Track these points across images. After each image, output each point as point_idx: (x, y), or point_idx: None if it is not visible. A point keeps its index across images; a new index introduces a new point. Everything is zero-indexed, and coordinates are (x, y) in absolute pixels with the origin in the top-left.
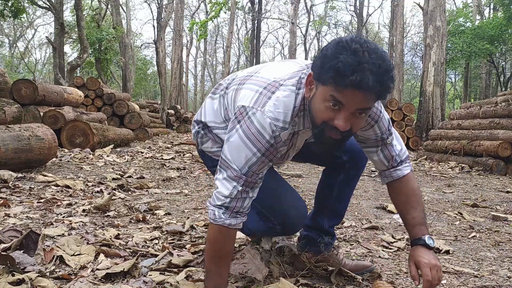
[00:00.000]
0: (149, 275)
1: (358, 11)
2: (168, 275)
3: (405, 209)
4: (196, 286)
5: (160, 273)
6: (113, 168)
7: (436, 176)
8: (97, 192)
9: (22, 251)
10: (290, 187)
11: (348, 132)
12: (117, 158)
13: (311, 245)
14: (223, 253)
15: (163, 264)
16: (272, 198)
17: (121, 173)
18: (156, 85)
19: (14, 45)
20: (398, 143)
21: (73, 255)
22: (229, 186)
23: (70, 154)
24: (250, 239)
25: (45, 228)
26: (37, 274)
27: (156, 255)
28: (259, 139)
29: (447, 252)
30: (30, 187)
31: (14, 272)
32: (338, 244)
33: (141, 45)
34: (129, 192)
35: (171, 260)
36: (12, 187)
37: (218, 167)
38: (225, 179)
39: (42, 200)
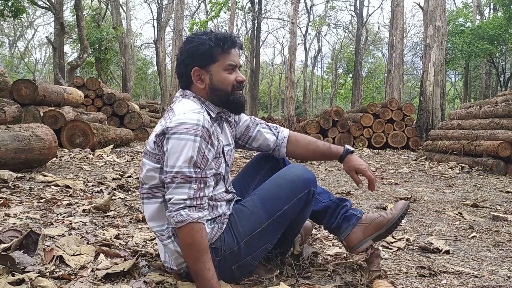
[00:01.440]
0: (149, 275)
1: (358, 11)
2: (167, 275)
3: (314, 147)
4: (195, 286)
5: (159, 274)
6: (113, 168)
7: (436, 176)
8: (97, 192)
9: (22, 251)
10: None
11: (244, 85)
12: (117, 158)
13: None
14: (203, 248)
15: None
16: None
17: (121, 173)
18: (156, 85)
19: (14, 45)
20: (270, 124)
21: (73, 255)
22: (183, 190)
23: (70, 154)
24: None
25: (45, 228)
26: (37, 274)
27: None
28: (186, 127)
29: (447, 252)
30: (30, 187)
31: (14, 272)
32: (339, 244)
33: (141, 45)
34: (129, 192)
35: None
36: (12, 187)
37: (165, 187)
38: (176, 187)
39: (42, 200)
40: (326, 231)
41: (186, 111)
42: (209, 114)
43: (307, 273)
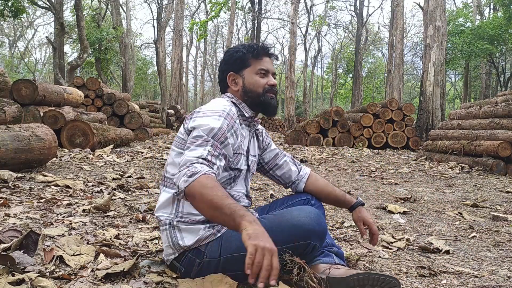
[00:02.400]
0: (148, 275)
1: (358, 11)
2: (166, 275)
3: (331, 190)
4: (194, 283)
5: (158, 275)
6: (113, 168)
7: (436, 176)
8: (97, 192)
9: (22, 251)
10: None
11: (276, 90)
12: (117, 158)
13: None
14: (221, 190)
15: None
16: None
17: (121, 173)
18: (156, 85)
19: (14, 45)
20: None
21: (73, 255)
22: (199, 149)
23: (70, 154)
24: None
25: (45, 228)
26: (37, 274)
27: (156, 255)
28: (213, 109)
29: (447, 252)
30: (30, 187)
31: (14, 272)
32: (339, 244)
33: (141, 45)
34: (129, 192)
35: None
36: (12, 187)
37: (184, 149)
38: (193, 148)
39: (42, 200)
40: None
41: (216, 103)
42: (243, 115)
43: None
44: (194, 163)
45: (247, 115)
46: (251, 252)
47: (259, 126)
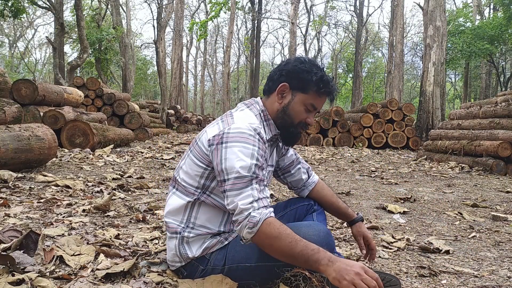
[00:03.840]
0: (148, 275)
1: (358, 11)
2: (166, 275)
3: (334, 200)
4: (194, 284)
5: (158, 275)
6: (113, 168)
7: (436, 176)
8: (97, 192)
9: (22, 251)
10: None
11: (308, 127)
12: (117, 158)
13: None
14: (289, 233)
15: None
16: None
17: (121, 173)
18: (156, 85)
19: (14, 45)
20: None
21: (73, 255)
22: (247, 193)
23: (70, 154)
24: None
25: (45, 228)
26: (37, 274)
27: (156, 255)
28: (245, 137)
29: (447, 252)
30: (30, 187)
31: (14, 272)
32: (339, 244)
33: (141, 45)
34: (129, 192)
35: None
36: (12, 187)
37: (224, 194)
38: (238, 193)
39: (42, 200)
40: None
41: (246, 122)
42: (265, 133)
43: None
44: (249, 211)
45: (269, 136)
46: (355, 285)
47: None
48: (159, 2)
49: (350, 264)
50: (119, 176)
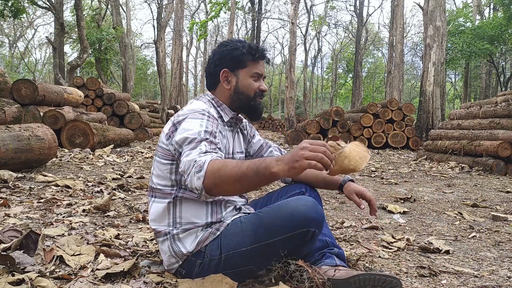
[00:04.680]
0: (147, 276)
1: (358, 11)
2: (166, 276)
3: (317, 173)
4: (194, 283)
5: (157, 275)
6: (113, 168)
7: (436, 176)
8: (97, 192)
9: (22, 251)
10: None
11: (265, 94)
12: (117, 158)
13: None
14: (231, 162)
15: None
16: None
17: (121, 173)
18: (156, 85)
19: (14, 45)
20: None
21: (73, 255)
22: (195, 150)
23: (70, 154)
24: None
25: (45, 228)
26: (37, 274)
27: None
28: (193, 114)
29: (447, 252)
30: (30, 187)
31: (14, 272)
32: (339, 244)
33: (141, 45)
34: (129, 192)
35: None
36: (12, 187)
37: (179, 155)
38: (189, 152)
39: (42, 200)
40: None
41: (194, 107)
42: (221, 118)
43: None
44: (196, 160)
45: (225, 119)
46: (307, 165)
47: (243, 120)
48: (159, 2)
49: (294, 149)
50: (119, 176)
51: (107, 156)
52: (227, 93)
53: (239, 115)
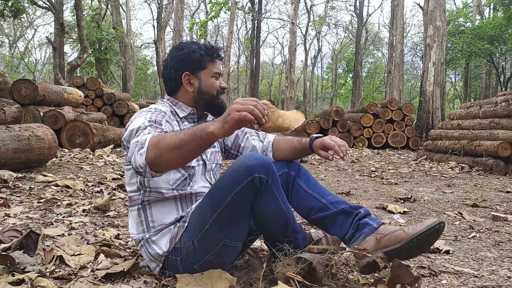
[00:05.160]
0: (147, 276)
1: (358, 11)
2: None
3: (290, 145)
4: (193, 279)
5: (155, 278)
6: (113, 168)
7: (436, 176)
8: (97, 192)
9: (22, 251)
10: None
11: (225, 91)
12: (117, 158)
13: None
14: (169, 134)
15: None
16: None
17: (121, 173)
18: (156, 85)
19: (14, 45)
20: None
21: (73, 255)
22: (139, 136)
23: (70, 154)
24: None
25: (45, 228)
26: (37, 274)
27: None
28: (145, 109)
29: (447, 252)
30: (30, 187)
31: (14, 272)
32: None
33: (141, 45)
34: None
35: None
36: (12, 187)
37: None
38: (134, 139)
39: (42, 200)
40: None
41: (144, 109)
42: (177, 114)
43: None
44: (138, 140)
45: (181, 115)
46: (240, 118)
47: (210, 117)
48: (159, 2)
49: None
50: (119, 176)
51: (107, 156)
52: (190, 95)
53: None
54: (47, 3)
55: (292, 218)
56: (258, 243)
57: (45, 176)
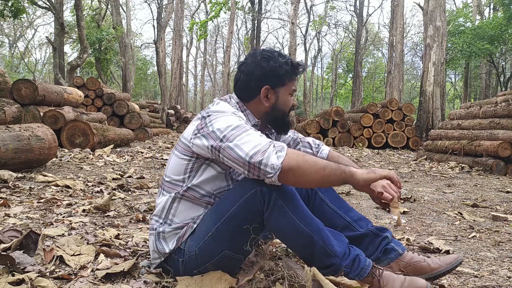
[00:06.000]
0: (147, 276)
1: (358, 11)
2: (165, 276)
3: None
4: (193, 281)
5: (155, 276)
6: (113, 168)
7: (436, 176)
8: (97, 192)
9: (22, 251)
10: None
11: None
12: (117, 158)
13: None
14: (313, 161)
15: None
16: None
17: (121, 173)
18: (156, 85)
19: (14, 45)
20: (308, 138)
21: (73, 255)
22: (253, 134)
23: (70, 154)
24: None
25: (45, 228)
26: (37, 274)
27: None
28: (225, 113)
29: (447, 252)
30: (30, 187)
31: (14, 272)
32: None
33: (141, 45)
34: (129, 192)
35: None
36: (12, 187)
37: (219, 141)
38: (246, 135)
39: (42, 200)
40: None
41: (222, 106)
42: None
43: None
44: (272, 141)
45: (250, 124)
46: (381, 185)
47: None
48: (159, 2)
49: (379, 170)
50: (119, 176)
51: (107, 156)
52: (262, 109)
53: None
54: (47, 3)
55: (323, 238)
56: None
57: (45, 176)
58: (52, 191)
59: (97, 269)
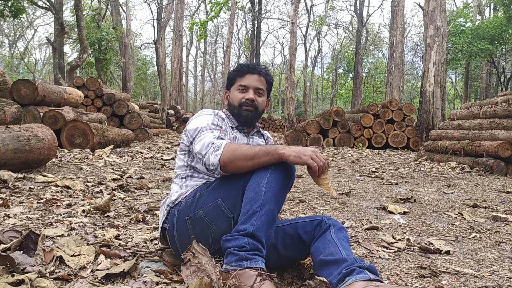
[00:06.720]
0: (147, 276)
1: (358, 11)
2: (165, 276)
3: None
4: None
5: (155, 275)
6: (113, 169)
7: (436, 176)
8: (97, 192)
9: (22, 251)
10: None
11: (256, 104)
12: (117, 158)
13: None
14: (245, 145)
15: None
16: None
17: (121, 173)
18: (156, 85)
19: (14, 45)
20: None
21: (73, 255)
22: (207, 135)
23: (70, 155)
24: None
25: (45, 228)
26: (37, 275)
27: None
28: (202, 114)
29: (448, 252)
30: (30, 188)
31: (14, 273)
32: None
33: (141, 45)
34: (129, 193)
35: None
36: (12, 187)
37: (195, 151)
38: (202, 137)
39: (42, 201)
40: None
41: (204, 110)
42: (232, 123)
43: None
44: (213, 142)
45: (232, 126)
46: (310, 162)
47: (265, 132)
48: (159, 2)
49: (304, 147)
50: (119, 177)
51: (107, 156)
52: (227, 107)
53: (256, 123)
54: (47, 3)
55: (264, 216)
56: None
57: (45, 176)
58: (52, 192)
59: (97, 270)
